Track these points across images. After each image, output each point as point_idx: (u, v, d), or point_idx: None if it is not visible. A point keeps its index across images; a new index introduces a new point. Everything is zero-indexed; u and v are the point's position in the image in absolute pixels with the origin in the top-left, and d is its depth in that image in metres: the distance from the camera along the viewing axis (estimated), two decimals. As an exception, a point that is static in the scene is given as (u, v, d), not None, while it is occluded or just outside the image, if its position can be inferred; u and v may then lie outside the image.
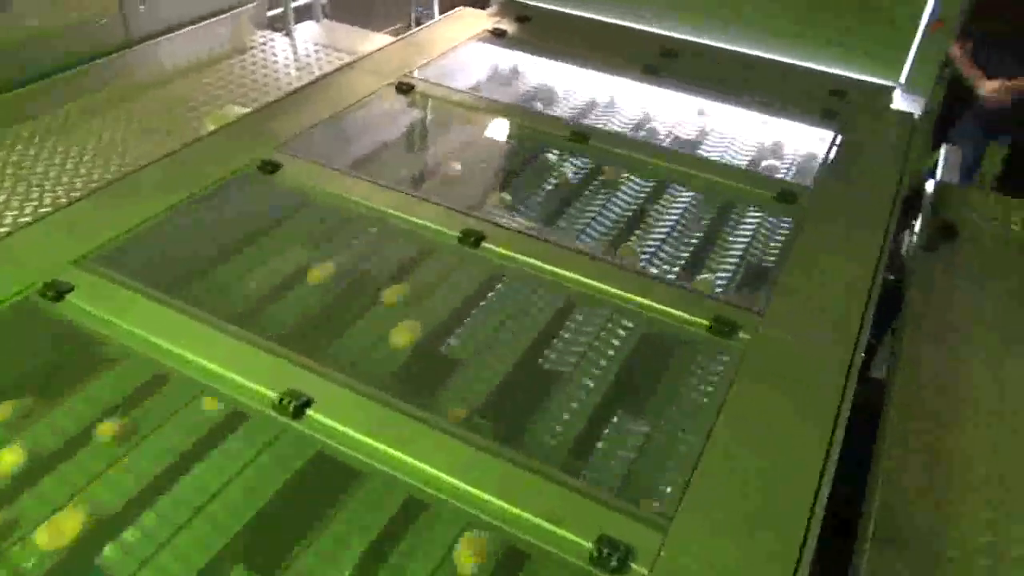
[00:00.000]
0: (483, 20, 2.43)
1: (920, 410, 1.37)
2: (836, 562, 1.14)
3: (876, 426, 1.35)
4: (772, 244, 1.68)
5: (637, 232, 1.70)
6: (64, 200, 1.88)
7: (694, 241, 1.69)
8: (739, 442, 1.08)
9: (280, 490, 1.10)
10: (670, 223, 1.72)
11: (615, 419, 1.27)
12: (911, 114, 2.07)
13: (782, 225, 1.71)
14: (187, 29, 2.67)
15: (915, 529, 1.19)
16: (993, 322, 1.64)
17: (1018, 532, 1.21)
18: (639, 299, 1.34)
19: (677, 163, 1.81)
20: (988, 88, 3.30)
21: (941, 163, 2.15)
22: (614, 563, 0.91)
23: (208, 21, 2.74)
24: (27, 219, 1.78)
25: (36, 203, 1.86)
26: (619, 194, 1.81)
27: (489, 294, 1.50)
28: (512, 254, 1.42)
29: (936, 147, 2.35)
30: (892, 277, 1.71)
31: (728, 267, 1.61)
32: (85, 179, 1.97)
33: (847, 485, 1.13)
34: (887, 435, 1.31)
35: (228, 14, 2.81)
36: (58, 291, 1.24)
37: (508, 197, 1.78)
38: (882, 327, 1.76)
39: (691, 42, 2.33)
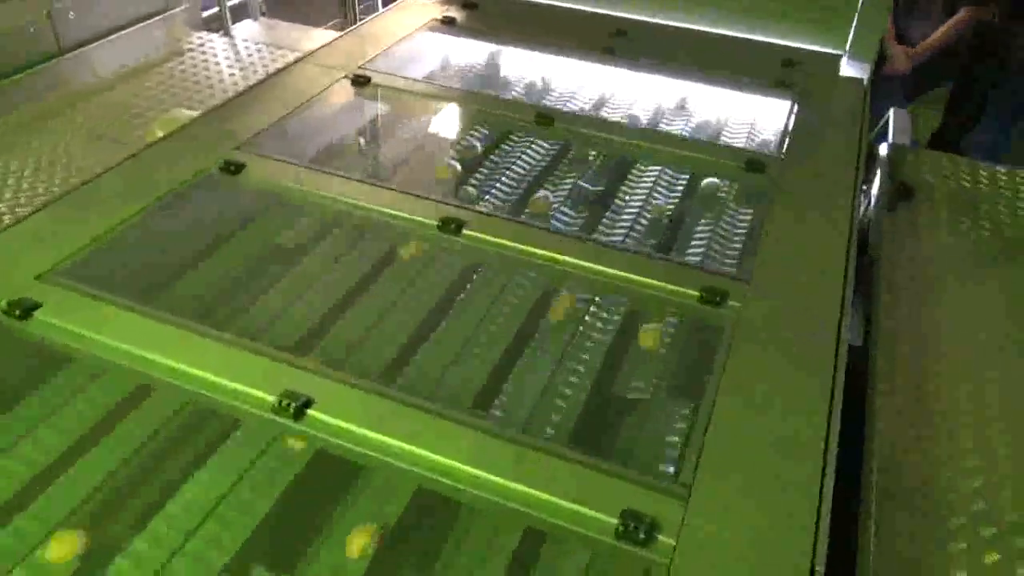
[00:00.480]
0: (431, 9, 2.39)
1: (903, 363, 1.41)
2: (843, 517, 1.16)
3: (859, 390, 1.38)
4: (743, 214, 1.70)
5: (610, 210, 1.69)
6: (10, 217, 1.78)
7: (667, 214, 1.70)
8: (745, 404, 1.09)
9: (288, 490, 1.07)
10: (641, 199, 1.73)
11: (616, 395, 1.26)
12: (860, 79, 2.12)
13: (750, 194, 1.74)
14: (120, 34, 2.57)
15: (911, 481, 1.22)
16: (960, 272, 1.69)
17: (1006, 469, 1.25)
18: (626, 275, 1.34)
19: (643, 139, 1.82)
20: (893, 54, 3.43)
21: (891, 126, 2.21)
22: (641, 535, 0.91)
23: (141, 25, 2.64)
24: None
25: (-20, 221, 1.77)
26: (589, 173, 1.81)
27: (474, 278, 1.48)
28: (494, 239, 1.40)
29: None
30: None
31: (702, 239, 1.63)
32: (29, 194, 1.88)
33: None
34: (876, 391, 1.34)
35: (161, 16, 2.72)
36: (24, 308, 1.17)
37: (478, 183, 1.77)
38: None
39: (642, 22, 2.34)
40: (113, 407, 1.19)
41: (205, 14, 2.92)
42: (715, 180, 1.73)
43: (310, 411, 1.04)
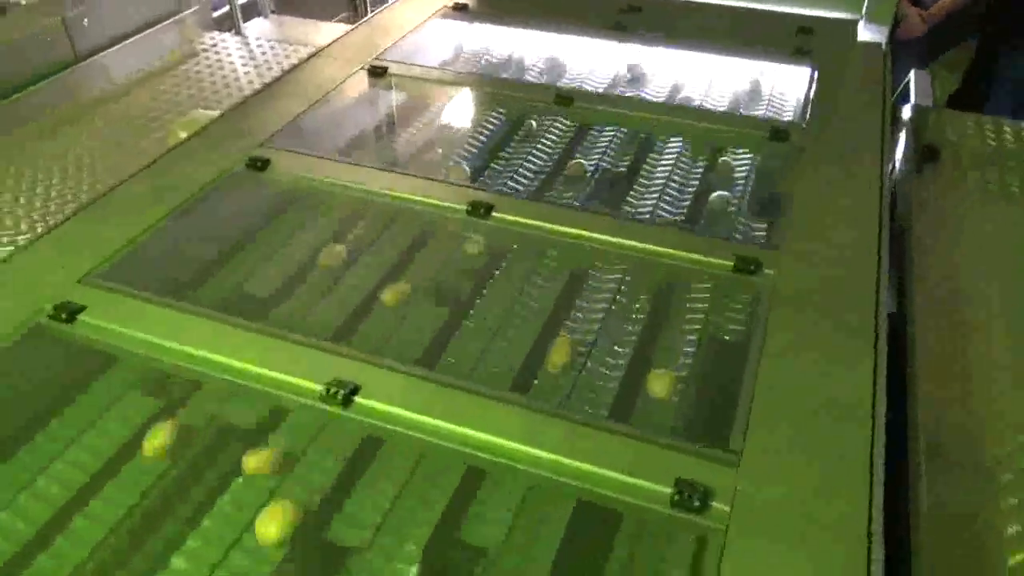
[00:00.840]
0: (441, -4, 2.39)
1: (942, 323, 1.40)
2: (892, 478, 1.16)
3: (896, 355, 1.38)
4: (768, 182, 1.69)
5: (636, 186, 1.69)
6: (42, 225, 1.80)
7: (694, 185, 1.69)
8: (789, 369, 1.09)
9: (341, 475, 1.08)
10: (665, 172, 1.72)
11: (656, 367, 1.27)
12: (879, 43, 2.10)
13: (774, 163, 1.73)
14: (134, 39, 2.58)
15: (958, 439, 1.22)
16: (991, 231, 1.68)
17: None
18: (658, 248, 1.34)
19: (664, 114, 1.81)
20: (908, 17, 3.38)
21: (913, 88, 2.19)
22: (696, 503, 0.91)
23: (154, 28, 2.65)
24: (9, 249, 1.71)
25: (13, 232, 1.78)
26: (610, 153, 1.80)
27: (503, 263, 1.48)
28: (524, 220, 1.41)
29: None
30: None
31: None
32: (59, 201, 1.90)
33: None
34: (916, 353, 1.34)
35: (173, 19, 2.72)
36: (70, 311, 1.19)
37: (502, 167, 1.77)
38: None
39: (654, -4, 2.33)
40: (163, 403, 1.20)
41: (216, 14, 2.93)
42: (724, 193, 1.66)
43: (357, 398, 1.05)
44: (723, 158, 1.73)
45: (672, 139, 1.80)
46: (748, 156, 1.75)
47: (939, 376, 1.29)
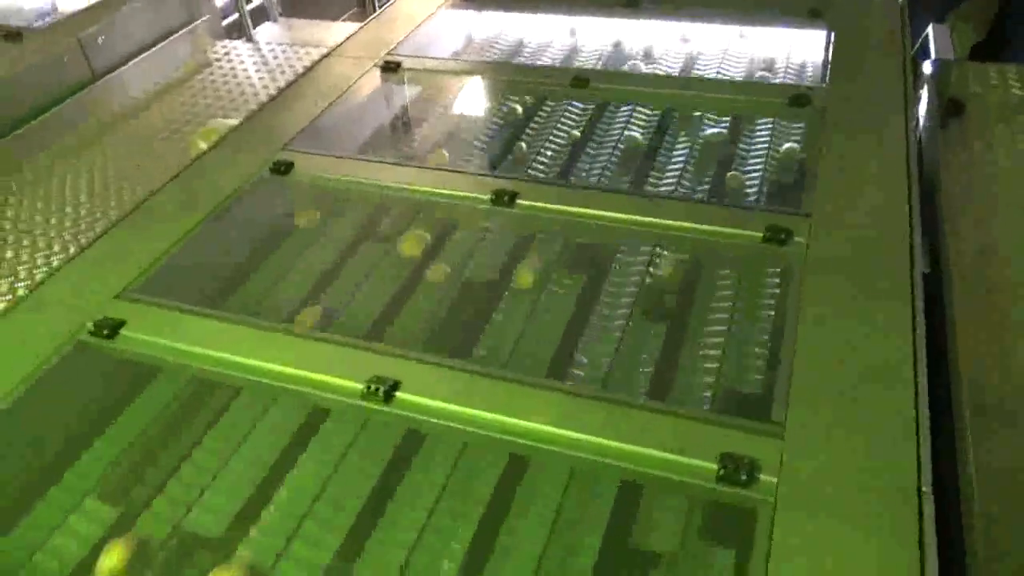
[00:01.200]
0: (447, -14, 2.38)
1: (977, 279, 1.38)
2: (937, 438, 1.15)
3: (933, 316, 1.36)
4: (792, 148, 1.68)
5: (657, 162, 1.68)
6: (75, 245, 1.83)
7: (716, 159, 1.68)
8: (826, 337, 1.08)
9: (385, 471, 1.10)
10: (686, 148, 1.71)
11: (693, 343, 1.27)
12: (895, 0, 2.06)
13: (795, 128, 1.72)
14: (148, 53, 2.60)
15: (1002, 394, 1.21)
16: (1021, 183, 1.65)
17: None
18: (686, 224, 1.33)
19: (682, 88, 1.80)
20: None
21: (932, 42, 2.15)
22: (743, 476, 0.91)
23: (167, 41, 2.68)
24: (44, 271, 1.75)
25: (47, 252, 1.82)
26: (630, 130, 1.79)
27: (530, 247, 1.49)
28: (550, 205, 1.41)
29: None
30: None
31: (756, 176, 1.61)
32: (89, 220, 1.93)
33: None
34: (954, 311, 1.32)
35: (185, 30, 2.74)
36: (111, 327, 1.21)
37: (524, 149, 1.77)
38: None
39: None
40: (208, 411, 1.23)
41: (225, 22, 2.95)
42: (737, 174, 1.64)
43: (398, 393, 1.06)
44: (731, 173, 1.68)
45: (693, 114, 1.79)
46: (768, 127, 1.74)
47: (979, 334, 1.28)
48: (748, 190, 1.58)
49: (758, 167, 1.64)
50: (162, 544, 1.06)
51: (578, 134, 1.80)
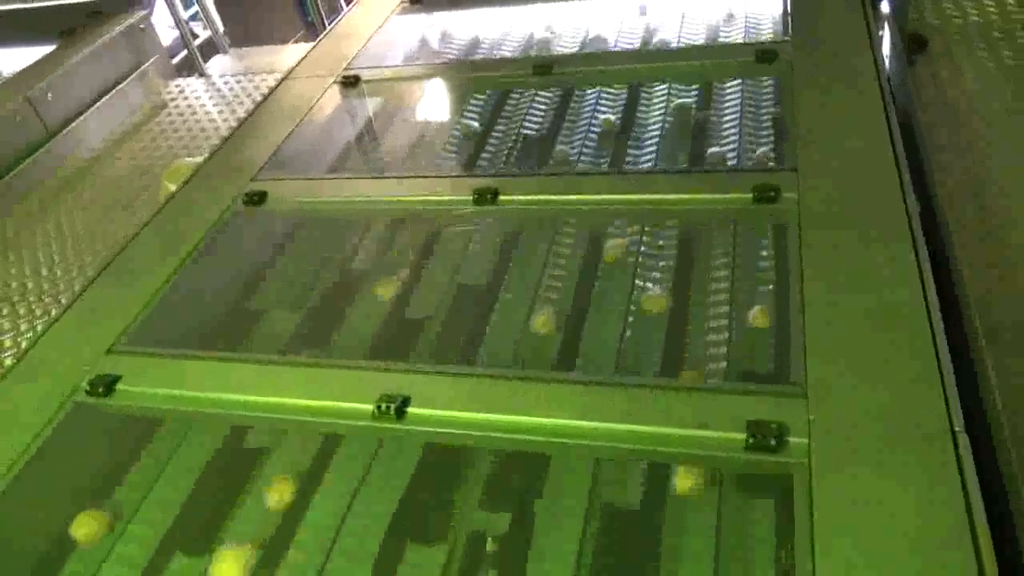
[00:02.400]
0: (395, -7, 2.35)
1: (973, 211, 1.38)
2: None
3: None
4: (764, 105, 1.66)
5: (632, 139, 1.67)
6: (56, 306, 1.79)
7: (691, 125, 1.67)
8: (833, 289, 1.07)
9: (409, 486, 1.07)
10: (659, 120, 1.70)
11: (702, 312, 1.25)
12: (845, -56, 2.05)
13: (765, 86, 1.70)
14: (100, 102, 2.56)
15: (1014, 317, 1.20)
16: (997, 108, 1.65)
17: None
18: (673, 196, 1.31)
19: (644, 62, 1.78)
20: None
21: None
22: (772, 442, 0.90)
23: (118, 87, 2.63)
24: (29, 337, 1.71)
25: (29, 318, 1.78)
26: (600, 110, 1.77)
27: (520, 241, 1.46)
28: (533, 196, 1.38)
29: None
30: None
31: (732, 137, 1.59)
32: (66, 279, 1.89)
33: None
34: (954, 243, 1.31)
35: (135, 74, 2.70)
36: (106, 384, 1.18)
37: (497, 144, 1.74)
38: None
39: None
40: (216, 454, 1.19)
41: (175, 60, 2.90)
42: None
43: (410, 408, 1.04)
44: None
45: (658, 86, 1.77)
46: (738, 87, 1.72)
47: (982, 261, 1.27)
48: (729, 153, 1.57)
49: (734, 129, 1.63)
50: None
51: (547, 124, 1.78)
